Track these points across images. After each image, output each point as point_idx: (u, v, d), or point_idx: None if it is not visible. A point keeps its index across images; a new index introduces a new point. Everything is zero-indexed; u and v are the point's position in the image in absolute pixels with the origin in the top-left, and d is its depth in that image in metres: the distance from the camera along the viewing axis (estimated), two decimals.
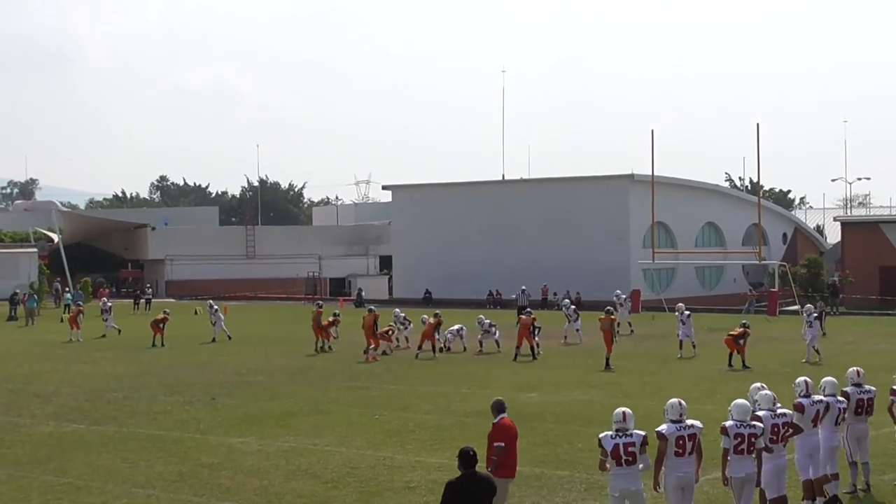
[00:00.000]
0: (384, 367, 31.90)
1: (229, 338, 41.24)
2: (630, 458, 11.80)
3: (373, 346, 34.30)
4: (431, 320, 35.65)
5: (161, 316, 40.90)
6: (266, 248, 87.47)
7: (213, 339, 41.24)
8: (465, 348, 36.43)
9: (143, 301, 65.78)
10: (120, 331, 44.22)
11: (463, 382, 27.92)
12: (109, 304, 45.07)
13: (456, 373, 30.12)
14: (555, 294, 64.72)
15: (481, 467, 11.02)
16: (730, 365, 30.63)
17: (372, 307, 37.16)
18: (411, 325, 38.73)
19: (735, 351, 30.87)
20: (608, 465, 11.94)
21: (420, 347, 34.85)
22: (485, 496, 10.49)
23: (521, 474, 16.47)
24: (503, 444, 12.85)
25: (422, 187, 79.21)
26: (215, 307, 43.55)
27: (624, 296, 44.79)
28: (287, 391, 26.93)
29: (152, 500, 15.59)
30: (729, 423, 12.53)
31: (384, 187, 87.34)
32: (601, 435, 12.06)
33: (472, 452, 10.72)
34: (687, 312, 35.02)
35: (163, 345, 39.58)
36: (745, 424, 12.49)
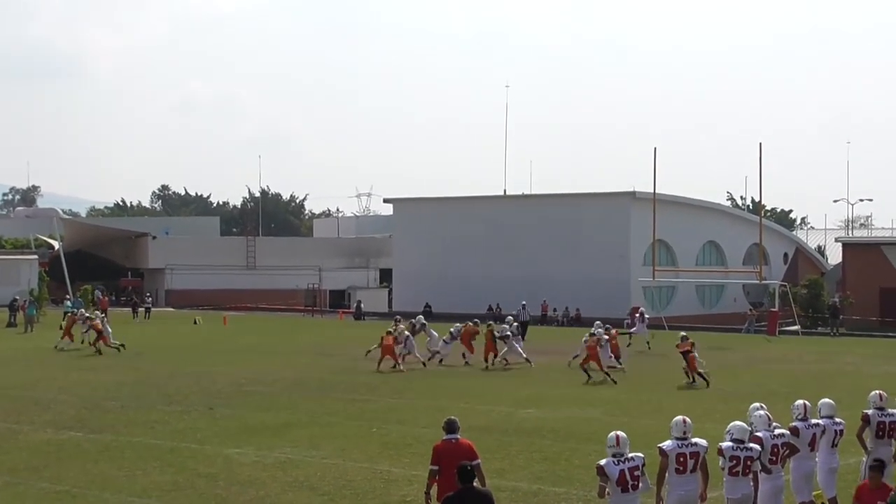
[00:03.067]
0: (382, 380, 31.86)
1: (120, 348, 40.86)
2: (636, 483, 11.61)
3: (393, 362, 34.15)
4: (390, 335, 35.33)
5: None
6: (266, 258, 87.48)
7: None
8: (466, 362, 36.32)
9: (142, 310, 65.77)
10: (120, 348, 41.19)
11: (461, 397, 27.88)
12: (102, 315, 44.60)
13: (454, 387, 30.09)
14: (554, 310, 64.74)
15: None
16: (691, 380, 30.68)
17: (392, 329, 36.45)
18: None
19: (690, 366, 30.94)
20: (608, 492, 11.65)
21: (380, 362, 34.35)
22: None
23: (519, 490, 16.49)
24: (436, 468, 12.37)
25: (423, 201, 79.29)
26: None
27: (642, 310, 44.49)
28: (285, 402, 26.90)
29: None
30: (725, 444, 12.49)
31: (385, 200, 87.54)
32: (602, 462, 11.65)
33: (469, 467, 10.69)
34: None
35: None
36: (742, 447, 12.46)
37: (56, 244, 79.26)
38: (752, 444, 12.59)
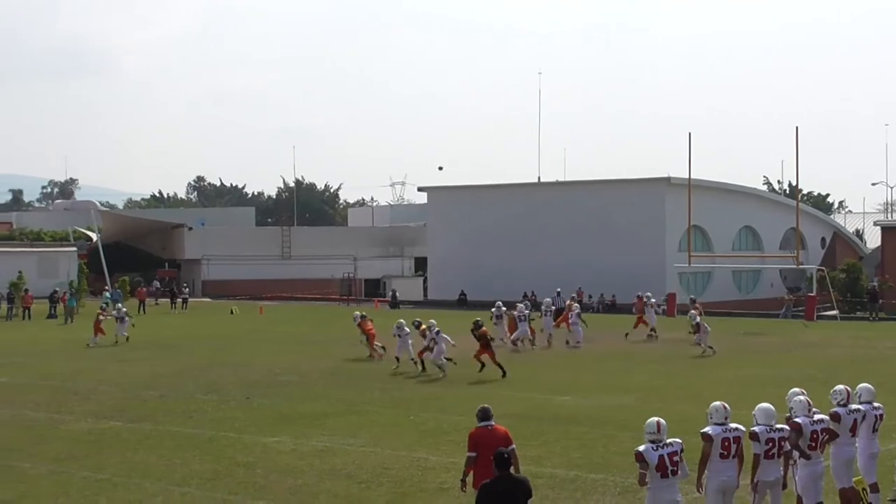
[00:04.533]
0: (416, 369, 31.89)
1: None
2: (675, 469, 11.54)
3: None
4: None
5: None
6: (301, 248, 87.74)
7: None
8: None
9: (179, 300, 66.20)
10: (128, 338, 41.61)
11: (499, 385, 27.90)
12: (125, 309, 44.15)
13: (490, 375, 30.09)
14: (590, 297, 64.56)
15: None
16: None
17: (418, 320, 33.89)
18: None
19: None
20: (648, 479, 11.57)
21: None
22: (520, 498, 10.48)
23: (556, 477, 16.48)
24: (474, 455, 12.43)
25: (457, 189, 79.20)
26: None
27: (654, 299, 44.22)
28: (321, 392, 27.01)
29: (187, 497, 15.70)
30: (758, 428, 12.41)
31: (419, 189, 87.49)
32: (641, 448, 11.57)
33: (505, 454, 10.70)
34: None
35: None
36: (773, 428, 12.42)
37: (94, 236, 79.84)
38: (781, 425, 12.55)
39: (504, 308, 39.73)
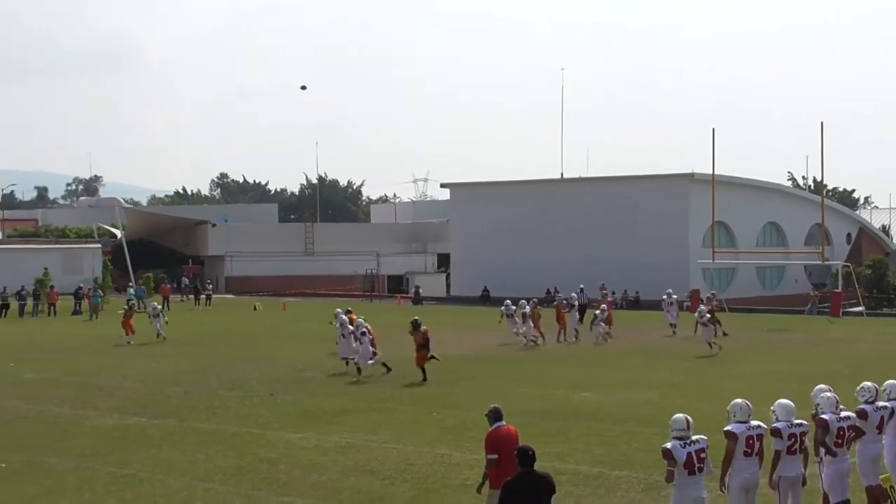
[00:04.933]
0: (436, 367, 31.82)
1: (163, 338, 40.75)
2: (701, 466, 11.49)
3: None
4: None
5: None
6: (324, 245, 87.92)
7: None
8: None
9: (203, 297, 66.42)
10: (164, 338, 40.76)
11: (519, 382, 27.85)
12: (158, 306, 44.34)
13: (511, 372, 30.06)
14: (613, 293, 64.41)
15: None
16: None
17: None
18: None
19: None
20: (676, 476, 11.48)
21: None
22: (543, 495, 10.45)
23: (580, 474, 16.44)
24: (496, 456, 12.29)
25: (480, 185, 79.18)
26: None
27: (675, 296, 44.04)
28: (342, 388, 27.05)
29: (211, 493, 15.73)
30: (780, 424, 12.34)
31: (442, 185, 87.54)
32: (668, 446, 11.49)
33: (531, 451, 10.67)
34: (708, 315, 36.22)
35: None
36: (794, 424, 12.35)
37: (118, 233, 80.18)
38: (801, 420, 12.48)
39: (514, 307, 39.35)
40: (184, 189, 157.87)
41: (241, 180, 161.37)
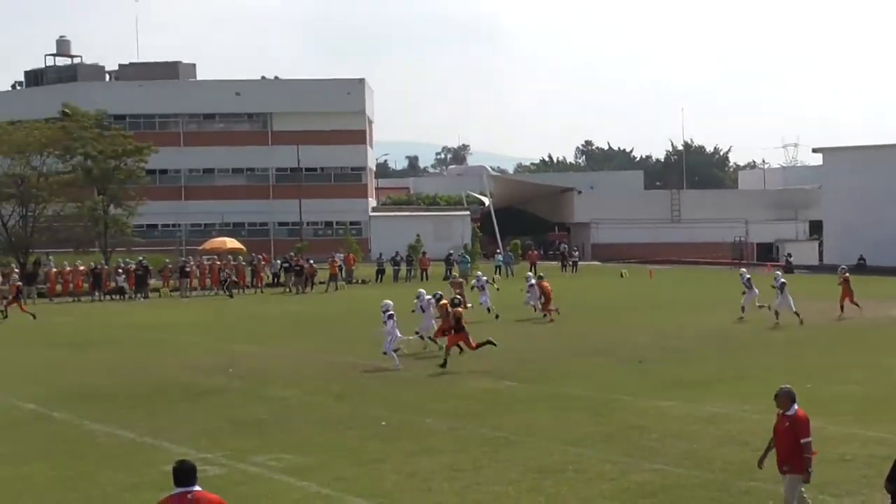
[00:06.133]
0: (813, 334, 30.54)
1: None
2: None
3: None
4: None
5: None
6: (691, 212, 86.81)
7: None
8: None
9: (570, 263, 67.34)
10: (489, 309, 37.03)
11: (889, 351, 26.39)
12: (484, 278, 40.50)
13: (880, 342, 28.42)
14: None
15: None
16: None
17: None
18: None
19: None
20: None
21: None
22: None
23: None
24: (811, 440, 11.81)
25: (856, 150, 75.08)
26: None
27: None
28: (710, 357, 26.56)
29: (582, 458, 15.86)
30: None
31: (814, 150, 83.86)
32: None
33: None
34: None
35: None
36: None
37: (486, 200, 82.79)
38: None
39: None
40: (549, 157, 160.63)
41: (606, 147, 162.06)
